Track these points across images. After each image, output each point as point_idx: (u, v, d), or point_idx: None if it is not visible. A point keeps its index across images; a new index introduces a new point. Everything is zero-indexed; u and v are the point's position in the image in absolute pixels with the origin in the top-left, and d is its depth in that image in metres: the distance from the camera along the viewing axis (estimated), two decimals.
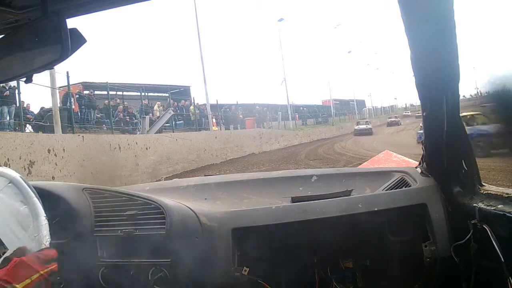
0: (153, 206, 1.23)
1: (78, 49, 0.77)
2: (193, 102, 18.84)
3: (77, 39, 0.76)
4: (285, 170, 2.35)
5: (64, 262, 1.00)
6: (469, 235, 1.12)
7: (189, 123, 17.68)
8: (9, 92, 10.05)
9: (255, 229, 1.24)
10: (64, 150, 8.21)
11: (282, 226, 1.24)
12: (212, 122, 18.38)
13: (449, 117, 1.18)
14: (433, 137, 1.29)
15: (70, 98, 11.46)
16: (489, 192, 1.13)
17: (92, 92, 15.38)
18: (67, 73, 11.21)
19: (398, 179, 1.43)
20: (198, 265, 1.17)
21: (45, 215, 1.04)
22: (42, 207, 1.03)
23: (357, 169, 2.41)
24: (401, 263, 1.32)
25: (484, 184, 1.19)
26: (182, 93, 20.55)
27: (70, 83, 11.88)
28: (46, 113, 10.75)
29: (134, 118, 14.82)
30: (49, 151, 7.80)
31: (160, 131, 14.15)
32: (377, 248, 1.33)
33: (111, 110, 13.59)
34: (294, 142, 23.50)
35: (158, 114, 15.88)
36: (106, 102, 14.03)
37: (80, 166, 8.53)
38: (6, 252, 0.89)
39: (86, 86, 16.47)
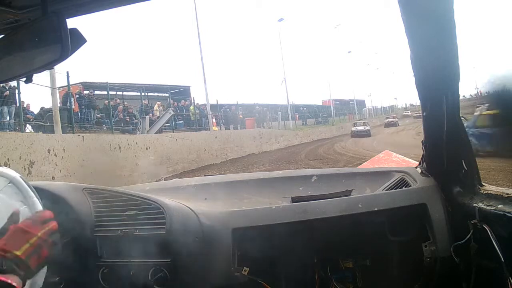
0: (153, 206, 1.23)
1: (78, 49, 0.77)
2: (193, 102, 18.83)
3: (77, 39, 0.76)
4: (285, 170, 2.36)
5: (64, 262, 1.00)
6: (469, 235, 1.12)
7: (189, 123, 17.66)
8: (9, 92, 10.06)
9: (255, 229, 1.24)
10: (64, 150, 8.22)
11: (282, 226, 1.24)
12: (212, 122, 18.37)
13: (449, 117, 1.18)
14: (433, 137, 1.29)
15: (70, 98, 11.46)
16: (489, 192, 1.13)
17: (92, 92, 15.38)
18: (67, 73, 11.26)
19: (398, 179, 1.43)
20: (198, 265, 1.17)
21: None
22: (42, 207, 1.03)
23: (357, 169, 2.42)
24: (401, 263, 1.32)
25: (484, 184, 1.19)
26: (182, 93, 20.57)
27: (70, 83, 11.90)
28: (46, 113, 10.76)
29: (134, 118, 14.81)
30: (49, 151, 7.80)
31: (160, 131, 14.14)
32: (377, 248, 1.33)
33: (111, 110, 13.58)
34: (294, 142, 23.47)
35: (158, 114, 15.88)
36: (106, 102, 14.03)
37: (80, 166, 8.53)
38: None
39: (86, 86, 16.48)
